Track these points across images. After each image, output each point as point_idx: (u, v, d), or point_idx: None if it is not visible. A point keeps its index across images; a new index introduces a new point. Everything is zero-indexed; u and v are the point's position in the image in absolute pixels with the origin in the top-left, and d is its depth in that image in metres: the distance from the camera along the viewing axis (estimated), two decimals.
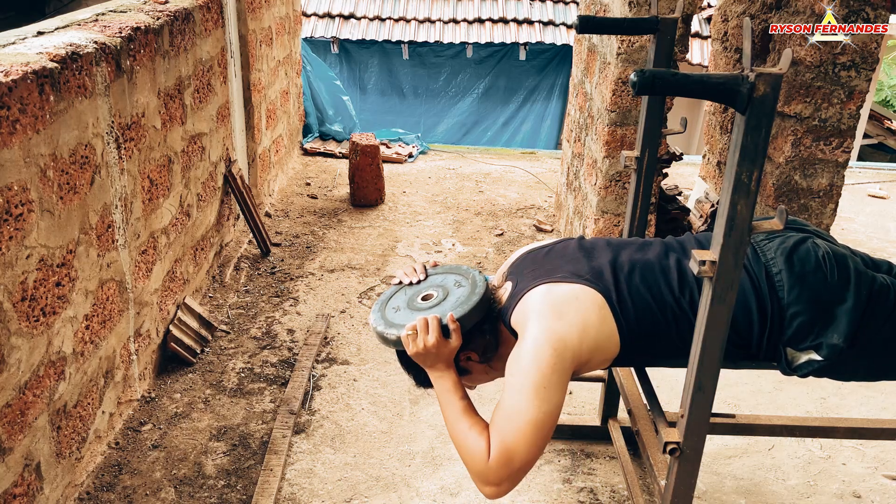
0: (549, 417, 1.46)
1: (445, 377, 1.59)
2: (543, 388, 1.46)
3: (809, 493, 2.41)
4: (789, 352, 1.62)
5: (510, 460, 1.44)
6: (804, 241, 1.65)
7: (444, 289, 1.70)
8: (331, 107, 5.89)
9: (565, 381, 1.51)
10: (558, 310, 1.54)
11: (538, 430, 1.45)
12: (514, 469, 1.45)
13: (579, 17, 2.09)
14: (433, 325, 1.57)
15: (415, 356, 1.59)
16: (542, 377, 1.46)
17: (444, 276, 1.76)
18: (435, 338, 1.56)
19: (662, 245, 1.74)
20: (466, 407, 1.56)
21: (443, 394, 1.59)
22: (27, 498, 1.95)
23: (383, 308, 1.71)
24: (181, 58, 2.96)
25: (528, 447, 1.45)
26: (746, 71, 1.24)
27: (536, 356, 1.48)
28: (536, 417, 1.45)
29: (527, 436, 1.44)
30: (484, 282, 1.68)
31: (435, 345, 1.56)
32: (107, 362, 2.42)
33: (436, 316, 1.58)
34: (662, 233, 3.55)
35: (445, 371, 1.60)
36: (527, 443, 1.44)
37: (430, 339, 1.56)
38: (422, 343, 1.56)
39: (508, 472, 1.45)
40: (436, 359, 1.58)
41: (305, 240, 4.20)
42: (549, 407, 1.46)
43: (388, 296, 1.76)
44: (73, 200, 2.11)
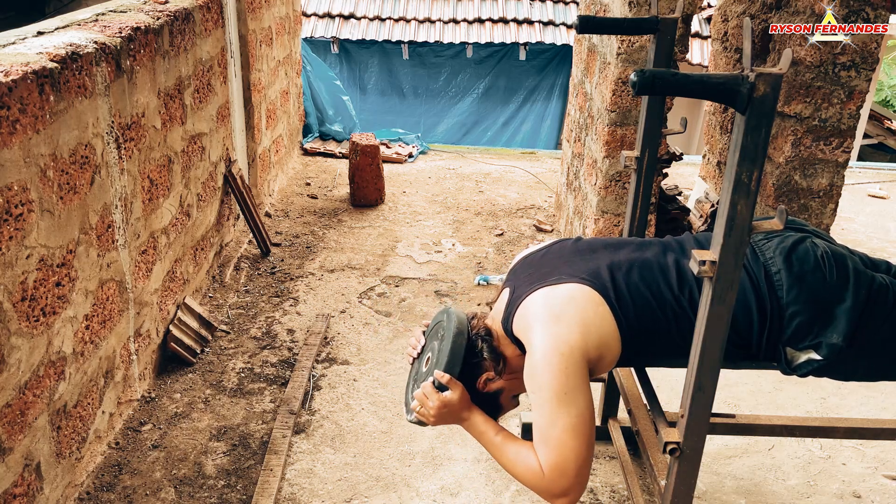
0: (582, 418, 1.49)
1: (471, 422, 1.65)
2: (565, 394, 1.49)
3: (809, 493, 2.41)
4: (789, 351, 1.62)
5: (564, 470, 1.48)
6: (803, 240, 1.65)
7: (434, 347, 1.75)
8: (331, 107, 5.89)
9: (584, 379, 1.52)
10: (556, 313, 1.55)
11: (577, 433, 1.48)
12: (571, 475, 1.49)
13: (579, 17, 2.09)
14: (429, 392, 1.64)
15: (436, 424, 1.66)
16: (560, 385, 1.49)
17: (434, 329, 1.80)
18: (436, 400, 1.62)
19: (661, 245, 1.74)
20: (504, 438, 1.61)
21: (479, 436, 1.65)
22: (27, 498, 1.95)
23: (407, 397, 1.79)
24: (181, 58, 2.96)
25: (574, 452, 1.48)
26: (746, 71, 1.24)
27: (547, 366, 1.50)
28: (569, 423, 1.48)
29: (568, 443, 1.48)
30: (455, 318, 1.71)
31: (440, 406, 1.62)
32: (107, 362, 2.42)
33: (426, 383, 1.66)
34: (662, 233, 3.55)
35: (469, 416, 1.65)
36: (572, 449, 1.48)
37: (433, 404, 1.63)
38: (431, 412, 1.63)
39: (567, 479, 1.49)
40: (452, 414, 1.64)
41: (305, 240, 4.20)
42: (578, 409, 1.49)
43: (406, 383, 1.84)
44: (73, 200, 2.11)
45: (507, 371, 1.70)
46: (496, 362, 1.68)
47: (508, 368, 1.70)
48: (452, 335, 1.67)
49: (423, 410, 1.65)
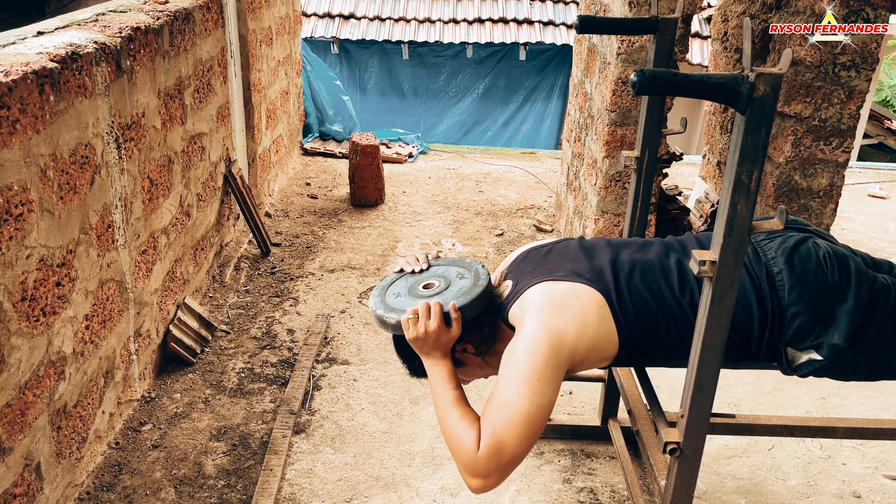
0: (541, 411, 1.45)
1: (440, 365, 1.59)
2: (537, 381, 1.45)
3: (809, 493, 2.41)
4: (790, 351, 1.62)
5: (500, 452, 1.42)
6: (805, 240, 1.65)
7: (446, 279, 1.70)
8: (331, 107, 5.89)
9: (560, 376, 1.50)
10: (557, 306, 1.54)
11: (530, 423, 1.44)
12: (503, 461, 1.43)
13: (579, 17, 2.09)
14: (435, 311, 1.56)
15: (413, 341, 1.58)
16: (537, 370, 1.46)
17: (447, 267, 1.76)
18: (436, 323, 1.55)
19: (663, 245, 1.74)
20: (459, 397, 1.55)
21: (436, 382, 1.58)
22: (27, 498, 1.95)
23: (384, 293, 1.71)
24: (181, 58, 2.96)
25: (518, 440, 1.43)
26: (746, 71, 1.24)
27: (532, 349, 1.48)
28: (529, 410, 1.44)
29: (518, 428, 1.43)
30: (487, 275, 1.68)
31: (435, 331, 1.55)
32: (107, 362, 2.42)
33: (438, 301, 1.58)
34: (662, 233, 3.55)
35: (441, 360, 1.59)
36: (518, 435, 1.43)
37: (432, 325, 1.55)
38: (422, 328, 1.56)
39: (497, 464, 1.43)
40: (434, 346, 1.58)
41: (305, 240, 4.20)
42: (542, 401, 1.45)
43: (388, 282, 1.76)
44: (73, 200, 2.11)
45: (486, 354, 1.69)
46: (484, 341, 1.67)
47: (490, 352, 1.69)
48: (484, 286, 1.62)
49: (417, 322, 1.57)
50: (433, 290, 1.67)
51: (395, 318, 1.61)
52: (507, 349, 1.53)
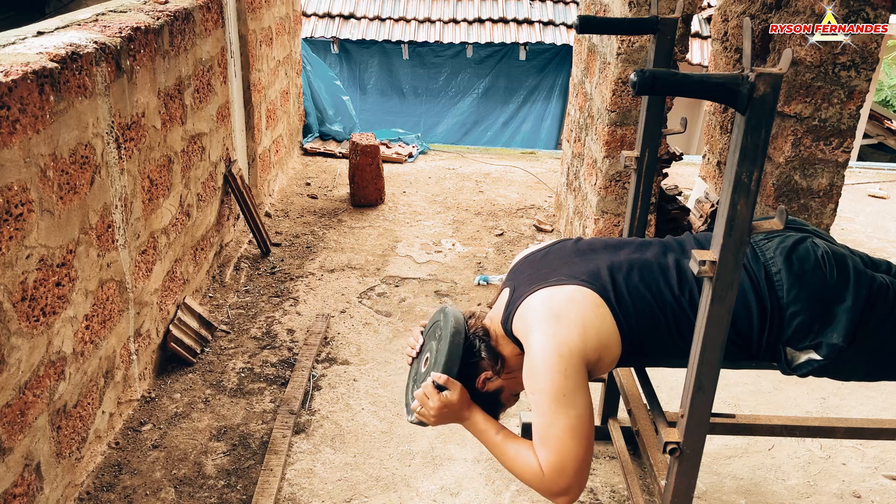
0: (581, 420, 1.50)
1: (472, 421, 1.66)
2: (563, 395, 1.49)
3: (809, 493, 2.41)
4: (789, 351, 1.62)
5: (564, 470, 1.49)
6: (803, 240, 1.65)
7: (432, 347, 1.75)
8: (331, 107, 5.89)
9: (582, 380, 1.53)
10: (556, 314, 1.55)
11: (576, 434, 1.49)
12: (570, 475, 1.50)
13: (579, 17, 2.09)
14: (429, 392, 1.63)
15: (437, 424, 1.66)
16: (559, 386, 1.49)
17: (432, 329, 1.80)
18: (436, 401, 1.62)
19: (661, 245, 1.74)
20: (505, 437, 1.61)
21: (479, 434, 1.65)
22: (27, 498, 1.95)
23: (407, 398, 1.79)
24: (181, 58, 2.96)
25: (573, 453, 1.49)
26: (746, 71, 1.24)
27: (546, 368, 1.50)
28: (568, 424, 1.49)
29: (567, 444, 1.49)
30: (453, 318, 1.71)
31: (441, 406, 1.62)
32: (107, 362, 2.42)
33: (426, 383, 1.65)
34: (662, 233, 3.55)
35: (469, 415, 1.66)
36: (570, 449, 1.49)
37: (433, 404, 1.63)
38: (432, 412, 1.64)
39: (567, 479, 1.50)
40: (453, 414, 1.64)
41: (305, 240, 4.20)
42: (576, 410, 1.50)
43: (406, 384, 1.84)
44: (73, 200, 2.11)
45: (505, 370, 1.70)
46: (494, 362, 1.68)
47: (507, 368, 1.70)
48: (450, 335, 1.67)
49: (424, 411, 1.65)
50: (428, 366, 1.73)
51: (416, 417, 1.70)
52: (524, 373, 1.57)
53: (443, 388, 1.63)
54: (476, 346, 1.68)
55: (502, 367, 1.70)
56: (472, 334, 1.69)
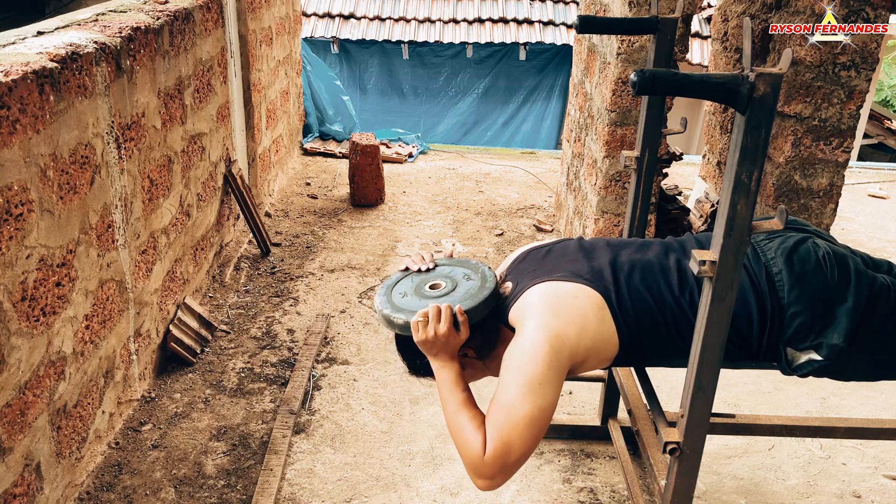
0: (544, 413, 1.47)
1: (448, 368, 1.60)
2: (539, 384, 1.47)
3: (809, 493, 2.41)
4: (789, 351, 1.62)
5: (506, 455, 1.46)
6: (804, 240, 1.65)
7: (453, 280, 1.70)
8: (331, 107, 5.89)
9: (561, 377, 1.51)
10: (557, 307, 1.55)
11: (534, 425, 1.46)
12: (509, 463, 1.47)
13: (579, 17, 2.09)
14: (446, 314, 1.57)
15: (421, 343, 1.59)
16: (538, 374, 1.47)
17: (453, 267, 1.75)
18: (446, 327, 1.56)
19: (662, 245, 1.74)
20: (467, 399, 1.56)
21: (444, 384, 1.59)
22: (27, 498, 1.95)
23: (389, 292, 1.71)
24: (181, 58, 2.96)
25: (523, 442, 1.46)
26: (746, 71, 1.24)
27: (533, 352, 1.49)
28: (532, 413, 1.46)
29: (522, 431, 1.46)
30: (494, 277, 1.68)
31: (445, 334, 1.56)
32: (107, 362, 2.42)
33: (448, 305, 1.58)
34: (662, 233, 3.55)
35: (449, 362, 1.60)
36: (522, 438, 1.46)
37: (442, 328, 1.56)
38: (432, 331, 1.56)
39: (503, 466, 1.47)
40: (442, 348, 1.58)
41: (305, 240, 4.20)
42: (544, 403, 1.47)
43: (394, 280, 1.75)
44: (73, 200, 2.11)
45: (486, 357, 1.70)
46: (486, 345, 1.67)
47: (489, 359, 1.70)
48: (491, 288, 1.63)
49: (427, 325, 1.57)
50: (440, 290, 1.67)
51: (402, 318, 1.61)
52: (507, 351, 1.54)
53: (456, 322, 1.57)
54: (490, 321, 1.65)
55: (488, 353, 1.69)
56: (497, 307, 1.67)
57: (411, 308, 1.62)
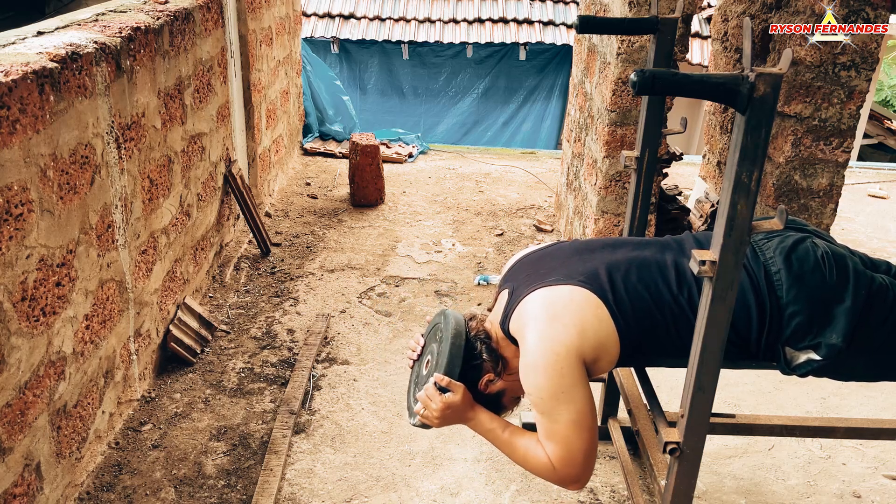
0: (581, 413, 1.52)
1: (477, 420, 1.66)
2: (562, 392, 1.50)
3: (809, 493, 2.41)
4: (788, 351, 1.62)
5: (573, 461, 1.52)
6: (803, 240, 1.65)
7: (433, 349, 1.75)
8: (331, 107, 5.89)
9: (580, 376, 1.53)
10: (553, 314, 1.55)
11: (578, 427, 1.51)
12: (580, 465, 1.53)
13: (579, 17, 2.09)
14: (431, 395, 1.64)
15: (441, 426, 1.67)
16: (556, 385, 1.50)
17: (433, 331, 1.80)
18: (439, 403, 1.62)
19: (659, 244, 1.74)
20: (512, 433, 1.63)
21: (486, 434, 1.66)
22: (27, 498, 1.95)
23: (409, 399, 1.79)
24: (181, 58, 2.96)
25: (578, 444, 1.51)
26: (746, 71, 1.24)
27: (543, 366, 1.51)
28: (570, 419, 1.51)
29: (571, 437, 1.51)
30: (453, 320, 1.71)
31: (444, 408, 1.62)
32: (107, 362, 2.42)
33: (427, 385, 1.66)
34: (662, 233, 3.55)
35: (474, 415, 1.66)
36: (575, 442, 1.51)
37: (436, 406, 1.63)
38: (435, 414, 1.64)
39: (576, 469, 1.53)
40: (457, 415, 1.65)
41: (305, 240, 4.20)
42: (576, 405, 1.51)
43: (408, 387, 1.84)
44: (73, 200, 2.11)
45: (507, 372, 1.70)
46: (495, 364, 1.68)
47: (508, 369, 1.70)
48: (451, 337, 1.67)
49: (427, 413, 1.65)
50: (430, 368, 1.73)
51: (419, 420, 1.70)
52: (521, 372, 1.57)
53: (445, 389, 1.63)
54: (477, 348, 1.67)
55: (504, 369, 1.69)
56: (473, 336, 1.69)
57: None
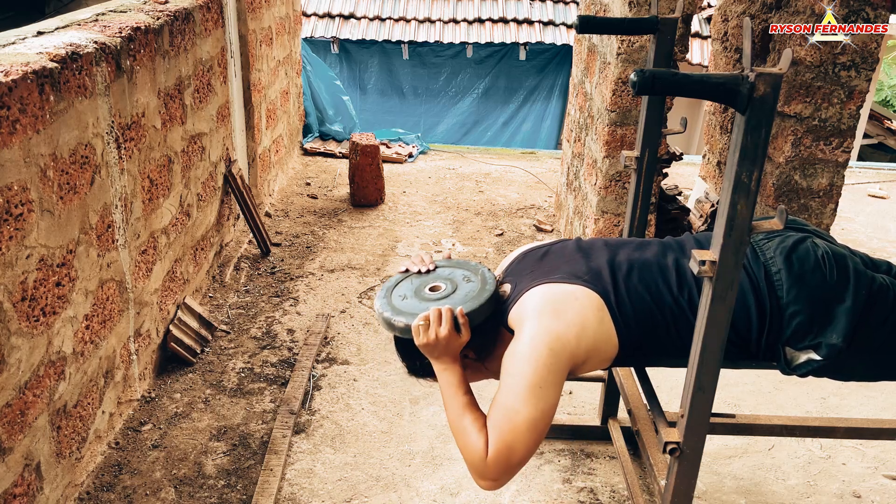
0: (545, 416, 1.48)
1: (451, 371, 1.59)
2: (539, 387, 1.47)
3: (809, 493, 2.41)
4: (788, 351, 1.62)
5: (508, 458, 1.47)
6: (803, 240, 1.65)
7: (453, 282, 1.69)
8: (331, 107, 5.89)
9: (561, 379, 1.51)
10: (556, 309, 1.54)
11: (535, 428, 1.47)
12: (511, 465, 1.48)
13: (579, 17, 2.09)
14: (447, 317, 1.56)
15: (423, 346, 1.58)
16: (539, 377, 1.47)
17: (453, 269, 1.75)
18: (448, 329, 1.55)
19: (660, 245, 1.74)
20: (469, 402, 1.56)
21: (447, 387, 1.59)
22: (27, 498, 1.95)
23: (389, 294, 1.70)
24: (181, 58, 2.96)
25: (525, 445, 1.47)
26: (746, 71, 1.24)
27: (533, 355, 1.48)
28: (533, 416, 1.46)
29: (523, 434, 1.46)
30: (493, 279, 1.68)
31: (446, 337, 1.55)
32: (107, 362, 2.42)
33: (449, 308, 1.57)
34: (662, 233, 3.55)
35: (451, 364, 1.59)
36: (524, 441, 1.46)
37: (443, 331, 1.55)
38: (433, 334, 1.55)
39: (506, 468, 1.48)
40: (444, 351, 1.58)
41: (305, 240, 4.20)
42: (545, 406, 1.47)
43: (394, 282, 1.75)
44: (73, 200, 2.11)
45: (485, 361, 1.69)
46: (485, 347, 1.67)
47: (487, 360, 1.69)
48: (491, 290, 1.62)
49: (428, 328, 1.56)
50: (440, 293, 1.66)
51: (403, 321, 1.60)
52: (507, 353, 1.54)
53: (457, 324, 1.57)
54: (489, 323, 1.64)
55: (488, 355, 1.68)
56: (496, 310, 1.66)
57: (412, 311, 1.61)
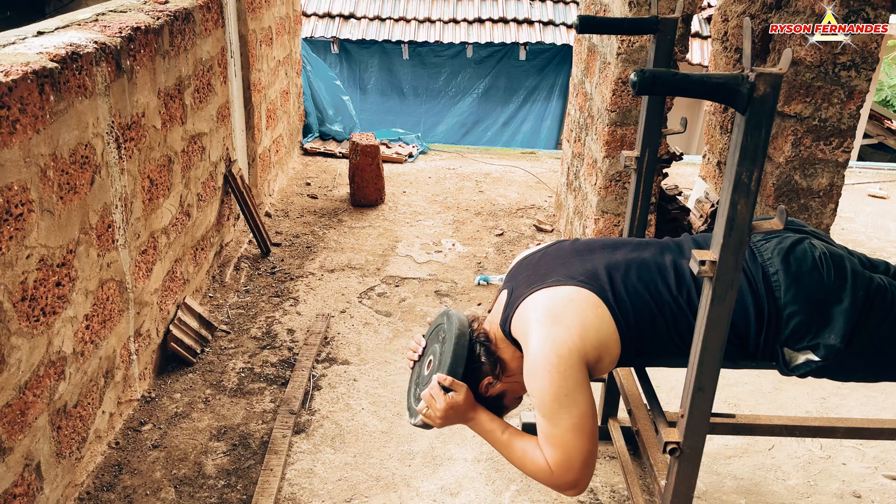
0: (583, 417, 1.51)
1: (477, 421, 1.66)
2: (565, 395, 1.50)
3: (809, 493, 2.41)
4: (787, 352, 1.62)
5: (571, 466, 1.52)
6: (801, 241, 1.65)
7: (435, 350, 1.75)
8: (331, 107, 5.89)
9: (583, 378, 1.54)
10: (555, 314, 1.55)
11: (579, 431, 1.51)
12: (577, 469, 1.52)
13: (579, 17, 2.09)
14: (436, 394, 1.63)
15: (443, 426, 1.66)
16: (558, 387, 1.50)
17: (435, 332, 1.81)
18: (442, 402, 1.62)
19: (659, 245, 1.74)
20: (511, 435, 1.63)
21: (485, 434, 1.66)
22: (27, 498, 1.95)
23: (410, 399, 1.79)
24: (181, 58, 2.96)
25: (578, 449, 1.51)
26: (746, 71, 1.24)
27: (545, 368, 1.51)
28: (571, 423, 1.50)
29: (571, 441, 1.51)
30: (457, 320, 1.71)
31: (447, 408, 1.62)
32: (107, 362, 2.42)
33: (431, 385, 1.66)
34: (662, 233, 3.55)
35: (475, 415, 1.66)
36: (575, 446, 1.51)
37: (440, 406, 1.63)
38: (438, 414, 1.63)
39: (574, 474, 1.53)
40: (459, 415, 1.65)
41: (305, 240, 4.20)
42: (578, 409, 1.51)
43: (408, 387, 1.85)
44: (73, 200, 2.11)
45: (506, 374, 1.70)
46: (493, 367, 1.68)
47: (508, 371, 1.70)
48: (455, 337, 1.67)
49: (430, 412, 1.65)
50: (432, 368, 1.73)
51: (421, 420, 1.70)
52: (524, 374, 1.57)
53: (448, 389, 1.63)
54: (477, 351, 1.68)
55: (502, 372, 1.70)
56: (474, 338, 1.69)
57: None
